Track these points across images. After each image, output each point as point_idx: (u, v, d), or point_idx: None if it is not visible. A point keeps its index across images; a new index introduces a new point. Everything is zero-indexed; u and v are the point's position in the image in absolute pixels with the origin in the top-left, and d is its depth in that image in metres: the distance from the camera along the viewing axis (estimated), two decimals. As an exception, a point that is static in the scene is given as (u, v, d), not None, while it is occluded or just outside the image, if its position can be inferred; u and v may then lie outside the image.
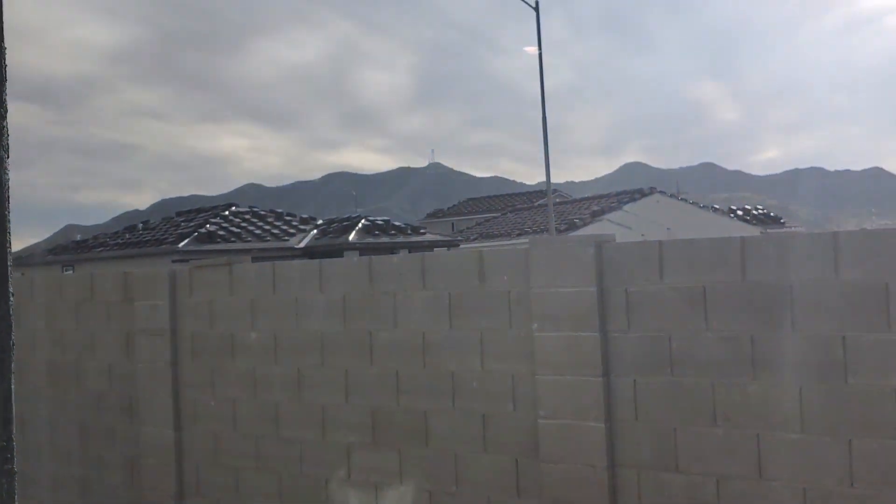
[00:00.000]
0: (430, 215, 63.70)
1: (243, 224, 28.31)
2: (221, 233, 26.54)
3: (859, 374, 4.39)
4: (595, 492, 5.16)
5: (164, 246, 25.72)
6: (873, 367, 4.36)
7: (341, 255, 24.72)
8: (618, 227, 29.83)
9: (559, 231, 30.56)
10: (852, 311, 4.43)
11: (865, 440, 4.38)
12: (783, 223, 45.55)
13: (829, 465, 4.48)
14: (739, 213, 43.43)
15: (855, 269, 4.44)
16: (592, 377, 5.21)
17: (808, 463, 4.55)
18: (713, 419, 4.86)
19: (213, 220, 27.94)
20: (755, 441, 4.71)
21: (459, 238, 37.75)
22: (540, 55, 23.89)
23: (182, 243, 25.10)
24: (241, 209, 30.41)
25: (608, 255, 5.27)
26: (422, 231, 31.57)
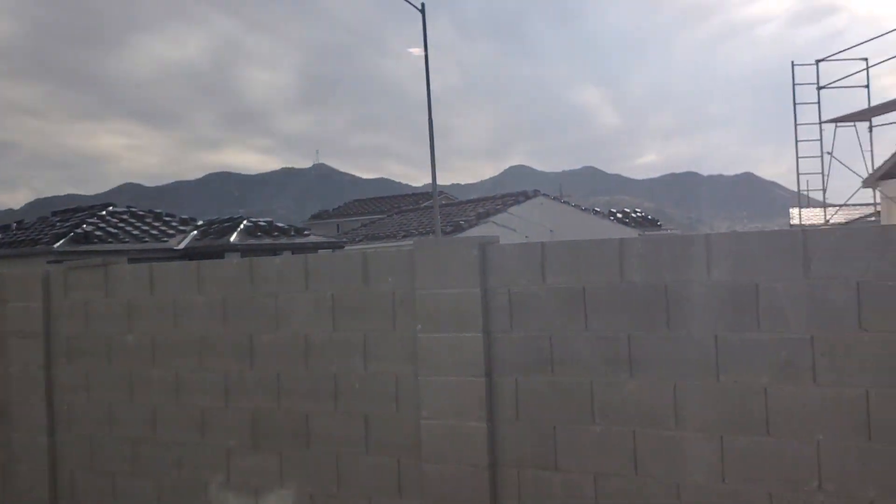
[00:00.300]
0: (314, 217, 63.14)
1: (121, 224, 27.57)
2: (98, 233, 25.82)
3: (730, 372, 4.52)
4: (476, 491, 5.18)
5: (38, 246, 24.90)
6: (743, 366, 4.49)
7: (222, 257, 24.30)
8: (503, 228, 30.16)
9: (445, 233, 30.72)
10: (724, 311, 4.55)
11: (736, 436, 4.50)
12: (660, 226, 46.89)
13: (702, 461, 4.59)
14: (619, 215, 44.54)
15: (726, 270, 4.56)
16: (475, 377, 5.23)
17: (682, 459, 4.65)
18: (592, 417, 4.93)
19: (89, 221, 27.14)
20: (631, 438, 4.79)
21: (345, 240, 37.57)
22: (426, 57, 23.98)
23: (57, 244, 24.34)
24: (118, 209, 29.61)
25: (492, 257, 5.31)
26: (306, 232, 31.25)
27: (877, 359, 4.21)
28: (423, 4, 23.04)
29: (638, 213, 47.06)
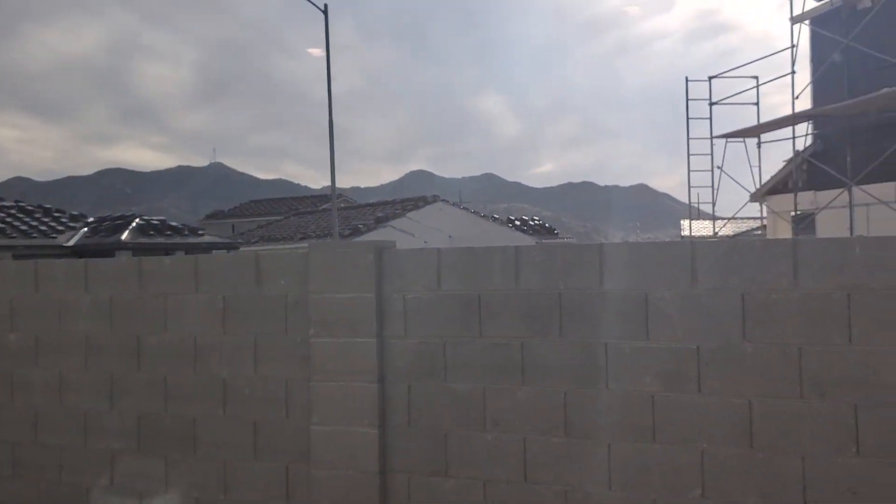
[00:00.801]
0: (209, 216, 62.09)
1: (8, 219, 26.66)
2: (-20, 232, 24.94)
3: (619, 379, 4.58)
4: (366, 497, 5.14)
5: (-85, 243, 23.92)
6: (632, 374, 4.55)
7: (113, 255, 23.76)
8: (401, 233, 30.21)
9: (343, 236, 30.59)
10: (614, 319, 4.61)
11: (623, 444, 4.56)
12: (557, 234, 47.69)
13: (590, 469, 4.65)
14: (518, 223, 45.02)
15: (618, 279, 4.63)
16: (367, 383, 5.19)
17: (571, 466, 4.70)
18: (483, 424, 4.94)
19: (-30, 218, 26.21)
20: (522, 445, 4.82)
21: (240, 241, 37.08)
22: (328, 58, 23.85)
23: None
24: (5, 203, 28.61)
25: (388, 262, 5.28)
26: (200, 232, 30.73)
27: (759, 369, 4.32)
28: (325, 5, 22.89)
29: (536, 221, 47.67)
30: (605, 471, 4.60)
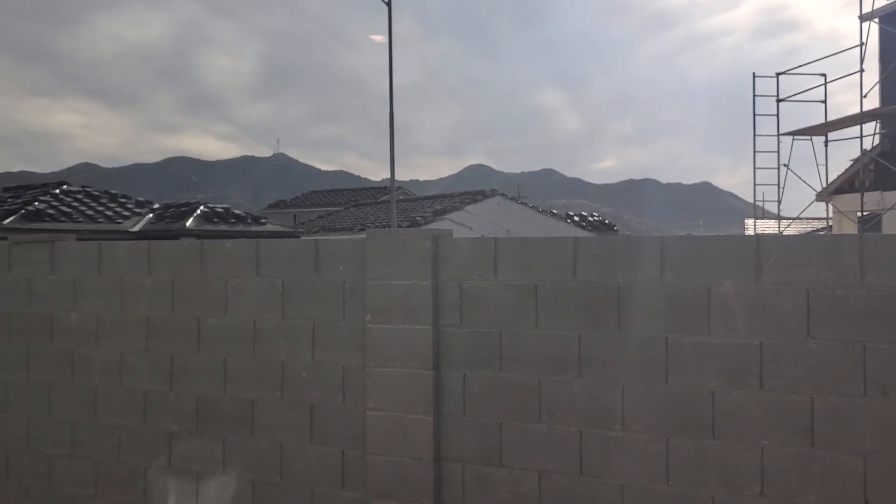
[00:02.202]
0: (272, 206, 62.59)
1: (74, 204, 27.02)
2: (51, 211, 25.26)
3: (678, 374, 4.52)
4: (420, 484, 5.15)
5: (-15, 224, 24.33)
6: (692, 369, 4.49)
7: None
8: (459, 226, 30.17)
9: (401, 228, 30.69)
10: (675, 314, 4.55)
11: (681, 439, 4.50)
12: (617, 230, 47.13)
13: (647, 463, 4.59)
14: (576, 218, 44.56)
15: (679, 272, 4.56)
16: (423, 370, 5.19)
17: (627, 460, 4.65)
18: (538, 415, 4.91)
19: (42, 198, 26.55)
20: (578, 437, 4.78)
21: (301, 230, 37.31)
22: (390, 50, 23.86)
23: (7, 220, 23.80)
24: (73, 188, 28.99)
25: (444, 250, 5.26)
26: (262, 221, 30.95)
27: (823, 367, 4.23)
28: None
29: (595, 218, 47.12)
30: (662, 466, 4.55)
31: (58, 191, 28.13)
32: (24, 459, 6.59)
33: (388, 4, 22.09)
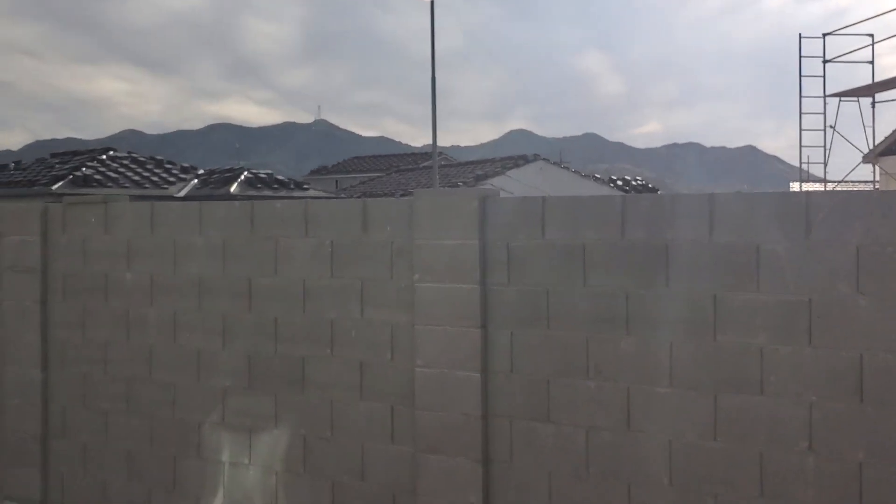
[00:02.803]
0: (314, 172, 62.72)
1: (121, 170, 27.37)
2: (98, 177, 25.61)
3: (727, 332, 4.53)
4: (468, 440, 5.21)
5: (36, 187, 24.69)
6: (741, 326, 4.49)
7: (222, 206, 24.25)
8: (500, 192, 30.10)
9: (446, 190, 30.59)
10: (724, 271, 4.55)
11: (729, 396, 4.52)
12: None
13: (694, 419, 4.62)
14: (619, 183, 44.07)
15: (728, 230, 4.55)
16: (471, 328, 5.24)
17: (675, 416, 4.68)
18: (586, 372, 4.94)
19: (89, 164, 26.92)
20: (625, 394, 4.81)
21: (343, 196, 37.48)
22: (432, 13, 23.76)
23: (56, 185, 24.16)
24: (119, 154, 29.35)
25: (491, 210, 5.29)
26: (305, 187, 31.15)
27: (872, 323, 4.22)
28: None
29: (638, 182, 46.61)
30: (710, 422, 4.57)
31: (104, 157, 28.49)
32: (81, 415, 6.75)
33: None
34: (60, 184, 24.37)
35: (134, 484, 6.50)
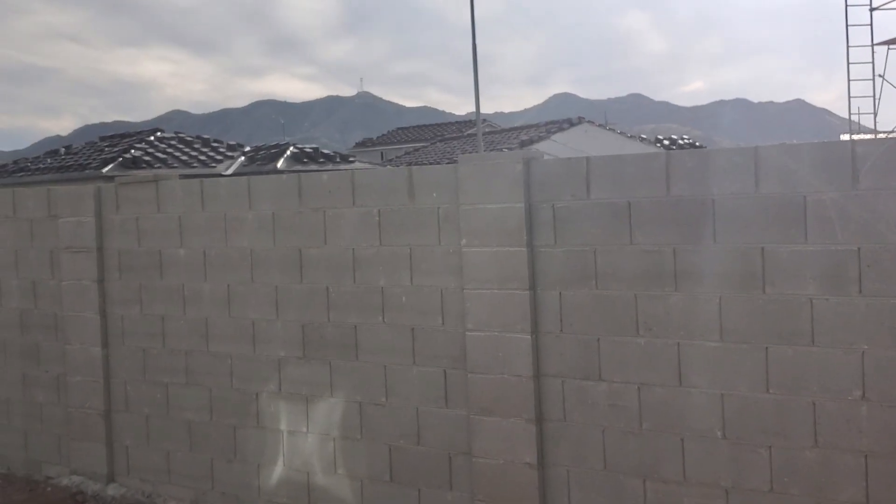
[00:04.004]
0: (358, 144, 62.77)
1: (169, 150, 27.61)
2: (147, 158, 25.88)
3: (776, 284, 4.52)
4: (521, 400, 5.26)
5: (87, 171, 25.02)
6: (789, 278, 4.48)
7: (269, 182, 24.41)
8: (546, 156, 29.91)
9: (491, 154, 30.42)
10: (771, 224, 4.53)
11: (780, 347, 4.52)
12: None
13: (746, 372, 4.62)
14: (666, 142, 43.46)
15: (774, 182, 4.53)
16: (519, 290, 5.27)
17: (726, 370, 4.69)
18: (636, 329, 4.96)
19: (138, 146, 27.21)
20: (676, 350, 4.83)
21: (389, 167, 37.48)
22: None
23: (106, 168, 24.46)
24: (166, 135, 29.60)
25: (536, 172, 5.30)
26: (351, 159, 31.16)
27: (924, 270, 4.19)
28: None
29: (685, 140, 45.93)
30: (762, 374, 4.58)
31: (152, 138, 28.77)
32: (142, 389, 6.90)
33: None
34: (111, 166, 24.66)
35: (196, 454, 6.66)
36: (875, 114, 11.58)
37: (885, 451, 4.31)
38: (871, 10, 11.77)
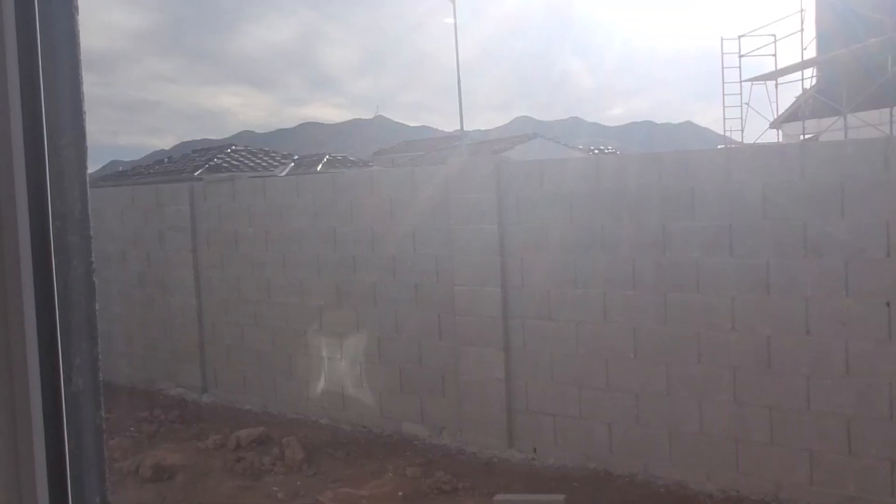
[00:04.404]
0: (375, 154, 61.89)
1: (241, 159, 27.53)
2: (225, 165, 25.69)
3: (673, 250, 4.58)
4: (494, 334, 5.33)
5: (183, 174, 24.94)
6: (682, 245, 4.55)
7: (314, 180, 24.28)
8: (510, 160, 29.66)
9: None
10: (669, 206, 4.59)
11: (675, 294, 4.58)
12: (625, 160, 45.39)
13: (651, 312, 4.69)
14: (596, 152, 43.04)
15: (671, 176, 4.57)
16: (492, 256, 5.32)
17: (637, 310, 4.75)
18: (574, 284, 4.99)
19: (219, 156, 27.02)
20: (602, 297, 4.87)
21: (397, 168, 37.12)
22: (456, 37, 23.53)
23: (197, 172, 24.39)
24: (238, 148, 29.44)
25: (504, 171, 5.35)
26: (370, 164, 31.02)
27: None
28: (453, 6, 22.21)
29: (609, 150, 45.61)
30: (662, 313, 4.65)
31: (228, 150, 28.55)
32: (224, 328, 6.98)
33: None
34: (200, 171, 24.52)
35: (263, 373, 6.75)
36: (742, 130, 11.76)
37: (747, 366, 4.41)
38: (740, 56, 11.92)
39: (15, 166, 0.73)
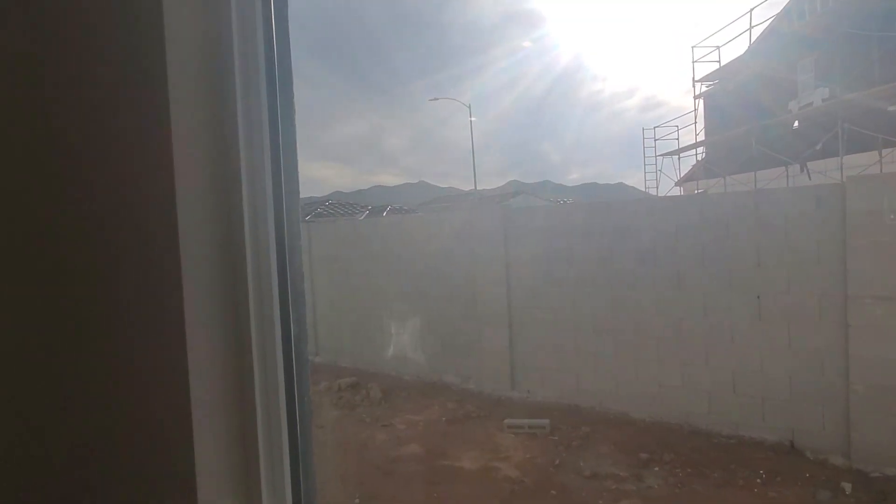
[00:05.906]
0: (420, 205, 61.92)
1: (334, 209, 27.98)
2: (324, 213, 26.13)
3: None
4: (502, 318, 5.31)
5: (303, 221, 25.28)
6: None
7: (380, 221, 24.15)
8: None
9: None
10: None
11: (622, 292, 4.59)
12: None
13: (602, 299, 4.68)
14: (561, 202, 42.72)
15: (608, 220, 4.60)
16: (501, 267, 5.33)
17: (594, 298, 4.72)
18: (552, 283, 4.97)
19: (321, 207, 27.50)
20: (572, 291, 4.88)
21: (435, 215, 36.92)
22: (471, 126, 23.46)
23: (306, 217, 24.72)
24: (333, 202, 29.89)
25: (508, 213, 5.39)
26: (416, 212, 31.11)
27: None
28: (469, 105, 22.21)
29: (570, 202, 45.25)
30: (609, 301, 4.63)
31: (326, 203, 28.90)
32: (330, 313, 6.92)
33: (469, 108, 21.44)
34: (308, 217, 24.88)
35: (354, 342, 6.68)
36: (657, 188, 12.06)
37: (665, 337, 4.34)
38: (655, 140, 12.29)
39: (268, 206, 0.86)
